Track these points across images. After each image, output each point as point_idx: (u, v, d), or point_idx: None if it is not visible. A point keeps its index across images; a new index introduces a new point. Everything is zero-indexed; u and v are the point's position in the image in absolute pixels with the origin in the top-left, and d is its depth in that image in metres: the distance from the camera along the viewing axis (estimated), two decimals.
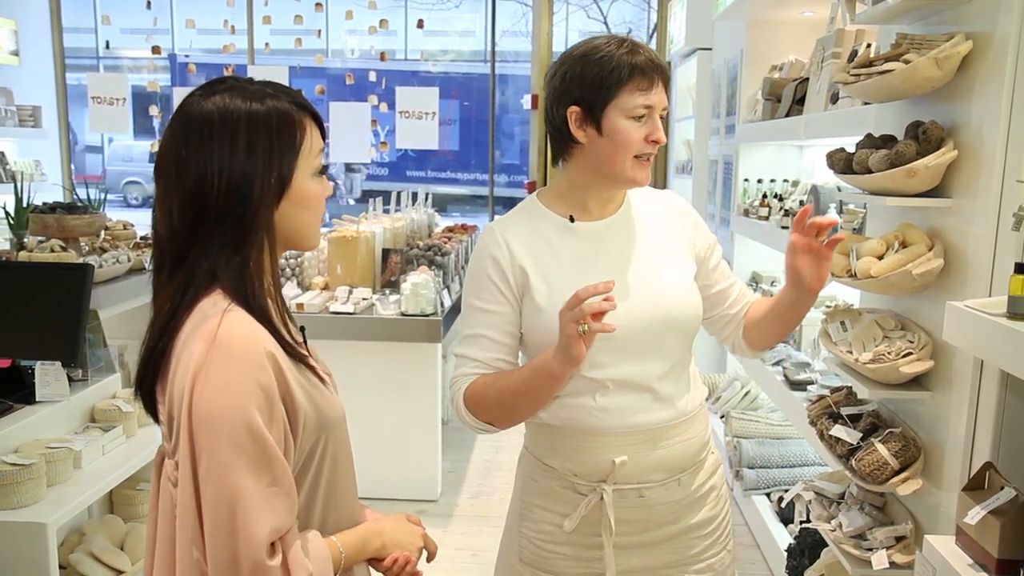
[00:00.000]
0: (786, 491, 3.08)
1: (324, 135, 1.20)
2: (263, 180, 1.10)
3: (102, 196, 3.69)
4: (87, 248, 3.25)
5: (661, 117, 1.46)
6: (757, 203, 3.74)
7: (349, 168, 11.79)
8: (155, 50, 6.55)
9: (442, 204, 11.16)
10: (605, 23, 11.69)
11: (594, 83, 1.42)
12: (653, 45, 8.87)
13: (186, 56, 8.75)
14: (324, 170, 1.19)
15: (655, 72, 1.43)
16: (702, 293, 1.57)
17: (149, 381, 1.14)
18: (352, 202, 11.57)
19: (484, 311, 1.50)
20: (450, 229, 5.10)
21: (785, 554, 2.69)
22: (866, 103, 2.25)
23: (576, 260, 1.48)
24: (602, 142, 1.44)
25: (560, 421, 1.49)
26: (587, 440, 1.48)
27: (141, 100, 6.82)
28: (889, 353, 1.86)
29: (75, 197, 3.99)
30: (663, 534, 1.53)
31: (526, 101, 8.31)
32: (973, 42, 1.70)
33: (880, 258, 1.88)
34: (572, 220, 1.51)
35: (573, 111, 1.45)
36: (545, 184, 8.62)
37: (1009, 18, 1.59)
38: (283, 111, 1.13)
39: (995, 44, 1.64)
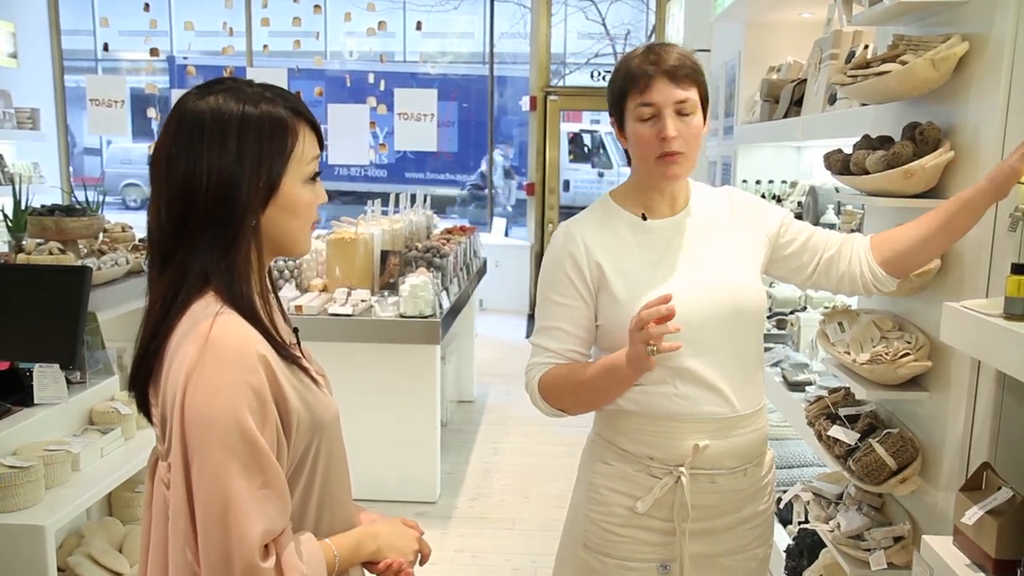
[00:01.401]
0: (785, 491, 3.08)
1: (321, 143, 1.19)
2: (250, 183, 1.10)
3: (100, 198, 3.68)
4: (85, 250, 3.25)
5: (683, 113, 1.51)
6: None
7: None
8: (153, 52, 6.55)
9: (441, 206, 11.15)
10: (604, 24, 11.69)
11: (614, 94, 1.58)
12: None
13: (185, 58, 8.75)
14: (317, 176, 1.19)
15: (655, 70, 1.50)
16: (792, 250, 1.65)
17: (142, 380, 1.15)
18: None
19: (560, 305, 1.59)
20: (448, 231, 5.10)
21: (784, 555, 2.69)
22: (863, 104, 2.26)
23: (650, 256, 1.58)
24: (632, 146, 1.58)
25: (639, 407, 1.56)
26: (666, 425, 1.55)
27: (139, 102, 6.82)
28: (887, 354, 1.86)
29: (73, 199, 3.99)
30: (726, 522, 1.61)
31: (524, 103, 8.30)
32: (969, 43, 1.70)
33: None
34: (644, 218, 1.60)
35: (612, 120, 1.61)
36: (544, 185, 8.61)
37: (1005, 19, 1.59)
38: (276, 116, 1.13)
39: (991, 45, 1.64)
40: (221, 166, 1.09)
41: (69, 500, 2.15)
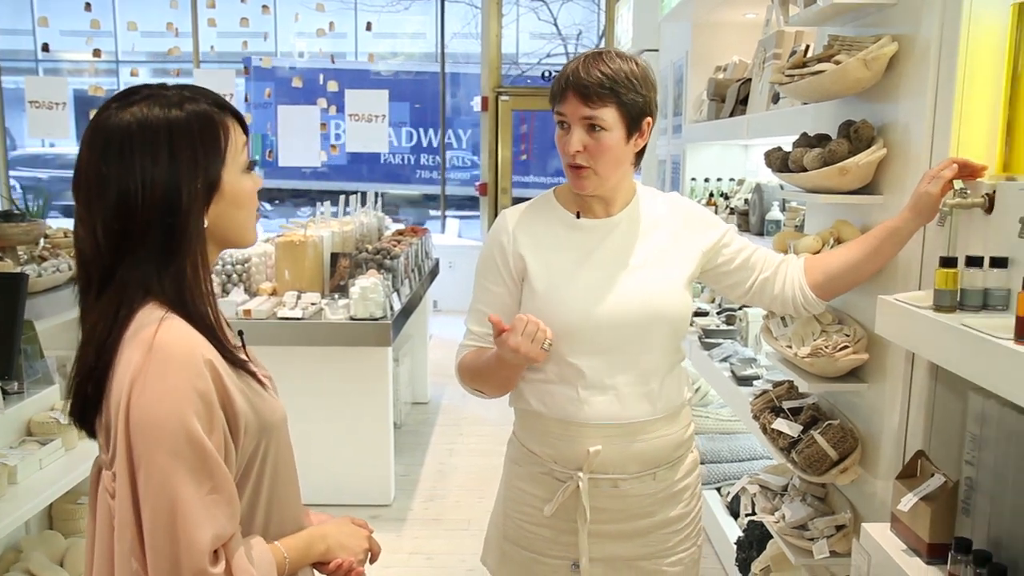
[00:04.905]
0: (733, 484, 3.13)
1: (246, 130, 1.19)
2: (190, 187, 1.09)
3: (41, 203, 3.59)
4: (25, 257, 3.16)
5: (593, 126, 1.51)
6: (704, 202, 3.79)
7: None
8: (96, 53, 6.40)
9: (394, 206, 11.05)
10: (555, 25, 11.73)
11: (550, 95, 1.58)
12: (602, 46, 8.93)
13: (136, 60, 8.54)
14: (252, 165, 1.19)
15: (568, 84, 1.52)
16: (732, 267, 1.67)
17: (93, 402, 1.11)
18: None
19: (486, 289, 1.64)
20: (400, 232, 5.08)
21: (735, 547, 2.73)
22: (805, 103, 2.30)
23: (577, 253, 1.59)
24: None
25: (546, 409, 1.60)
26: (568, 429, 1.58)
27: (83, 104, 6.66)
28: (826, 347, 1.90)
29: (13, 205, 3.87)
30: (639, 527, 1.62)
31: (476, 103, 8.30)
32: (899, 43, 1.75)
33: (816, 254, 1.92)
34: (578, 216, 1.62)
35: None
36: (496, 185, 8.59)
37: (931, 20, 1.64)
38: (204, 114, 1.12)
39: (918, 45, 1.69)
40: (156, 177, 1.07)
41: (6, 514, 2.08)
